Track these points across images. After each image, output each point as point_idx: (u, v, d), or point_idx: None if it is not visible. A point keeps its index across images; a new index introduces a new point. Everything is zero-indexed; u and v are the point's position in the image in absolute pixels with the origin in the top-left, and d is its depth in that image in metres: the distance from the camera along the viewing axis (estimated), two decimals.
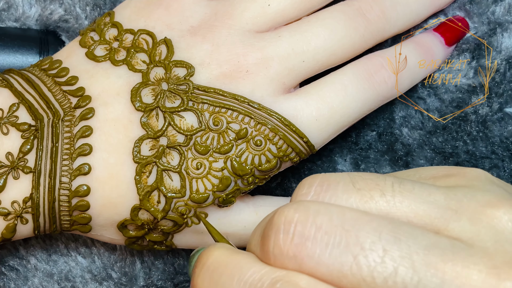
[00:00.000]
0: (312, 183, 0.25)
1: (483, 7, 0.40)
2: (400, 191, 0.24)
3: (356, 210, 0.24)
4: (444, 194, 0.24)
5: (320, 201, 0.24)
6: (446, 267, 0.22)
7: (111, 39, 0.38)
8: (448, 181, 0.26)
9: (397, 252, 0.22)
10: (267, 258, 0.24)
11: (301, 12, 0.38)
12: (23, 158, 0.34)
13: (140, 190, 0.35)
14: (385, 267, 0.22)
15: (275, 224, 0.24)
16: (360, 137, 0.42)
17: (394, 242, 0.22)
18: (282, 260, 0.23)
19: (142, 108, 0.35)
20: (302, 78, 0.37)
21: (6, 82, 0.36)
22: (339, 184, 0.25)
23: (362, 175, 0.25)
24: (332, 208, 0.23)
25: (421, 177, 0.27)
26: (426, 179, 0.27)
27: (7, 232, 0.35)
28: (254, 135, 0.35)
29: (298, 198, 0.25)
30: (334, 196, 0.25)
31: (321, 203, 0.24)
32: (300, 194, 0.25)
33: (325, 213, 0.23)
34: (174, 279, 0.41)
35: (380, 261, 0.22)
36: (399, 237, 0.23)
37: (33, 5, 0.42)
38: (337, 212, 0.23)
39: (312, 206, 0.24)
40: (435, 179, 0.27)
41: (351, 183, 0.25)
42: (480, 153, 0.40)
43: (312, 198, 0.25)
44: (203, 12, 0.37)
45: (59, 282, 0.41)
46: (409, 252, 0.22)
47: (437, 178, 0.27)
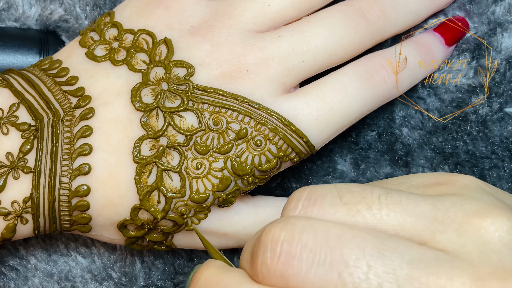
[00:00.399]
0: (300, 197, 0.25)
1: (483, 7, 0.40)
2: (386, 203, 0.25)
3: (341, 226, 0.24)
4: (431, 205, 0.25)
5: (307, 217, 0.25)
6: (430, 281, 0.22)
7: (111, 39, 0.38)
8: (438, 189, 0.26)
9: (381, 268, 0.22)
10: (256, 276, 0.24)
11: (301, 12, 0.38)
12: (23, 158, 0.34)
13: (140, 190, 0.35)
14: (369, 283, 0.22)
15: (263, 243, 0.24)
16: (360, 137, 0.42)
17: (378, 257, 0.23)
18: (269, 278, 0.24)
19: (142, 108, 0.35)
20: (302, 78, 0.37)
21: (6, 82, 0.36)
22: (326, 197, 0.25)
23: (349, 187, 0.25)
24: (317, 225, 0.24)
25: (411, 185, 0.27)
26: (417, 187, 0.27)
27: (7, 232, 0.35)
28: (254, 135, 0.35)
29: (287, 213, 0.25)
30: (321, 210, 0.25)
31: (307, 220, 0.24)
32: (288, 209, 0.26)
33: (310, 230, 0.24)
34: (174, 279, 0.41)
35: (364, 277, 0.22)
36: (383, 252, 0.23)
37: (33, 5, 0.42)
38: (322, 229, 0.24)
39: (298, 223, 0.24)
40: (425, 187, 0.27)
41: (338, 197, 0.25)
42: (480, 153, 0.40)
43: (300, 213, 0.25)
44: (203, 12, 0.37)
45: (59, 282, 0.41)
46: (393, 267, 0.22)
47: (428, 186, 0.27)
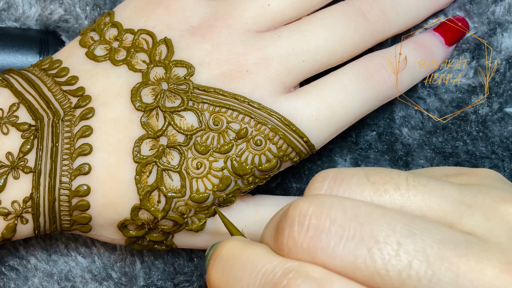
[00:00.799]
0: (325, 177, 0.25)
1: (483, 7, 0.40)
2: (414, 185, 0.24)
3: (370, 204, 0.24)
4: (458, 189, 0.24)
5: (334, 195, 0.24)
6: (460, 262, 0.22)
7: (111, 39, 0.38)
8: (460, 179, 0.26)
9: (411, 246, 0.22)
10: (281, 250, 0.24)
11: (301, 12, 0.38)
12: (23, 158, 0.34)
13: (140, 190, 0.35)
14: (399, 260, 0.22)
15: (290, 217, 0.24)
16: (360, 137, 0.42)
17: (408, 235, 0.22)
18: (296, 252, 0.23)
19: (142, 107, 0.35)
20: (302, 78, 0.37)
21: (6, 82, 0.36)
22: (353, 177, 0.25)
23: (376, 169, 0.25)
24: (346, 202, 0.24)
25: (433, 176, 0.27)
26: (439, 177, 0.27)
27: (7, 232, 0.35)
28: (254, 134, 0.35)
29: (312, 192, 0.25)
30: (348, 190, 0.25)
31: (335, 197, 0.24)
32: (313, 188, 0.25)
33: (339, 206, 0.23)
34: (174, 279, 0.41)
35: (394, 254, 0.22)
36: (413, 231, 0.23)
37: (33, 5, 0.42)
38: (351, 205, 0.23)
39: (327, 200, 0.24)
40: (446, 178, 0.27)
41: (365, 177, 0.25)
42: (480, 153, 0.40)
43: (326, 192, 0.25)
44: (203, 12, 0.37)
45: (59, 282, 0.41)
46: (423, 246, 0.22)
47: (449, 176, 0.27)
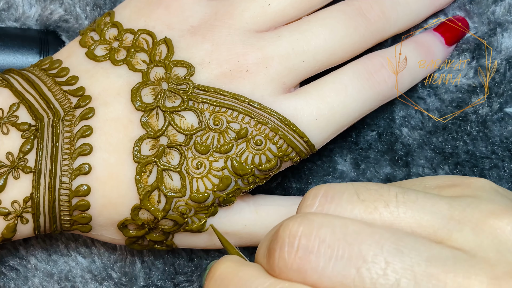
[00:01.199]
0: (316, 194, 0.25)
1: (483, 7, 0.40)
2: (404, 201, 0.25)
3: (359, 222, 0.24)
4: (448, 204, 0.25)
5: (324, 213, 0.25)
6: (448, 278, 0.22)
7: (111, 39, 0.38)
8: (453, 190, 0.26)
9: (399, 264, 0.22)
10: (272, 270, 0.24)
11: (301, 12, 0.38)
12: (23, 158, 0.34)
13: (141, 189, 0.35)
14: (387, 279, 0.22)
15: (280, 237, 0.24)
16: (360, 137, 0.42)
17: (396, 254, 0.23)
18: (287, 272, 0.24)
19: (142, 107, 0.35)
20: (302, 78, 0.37)
21: (6, 82, 0.36)
22: (343, 194, 0.25)
23: (366, 185, 0.25)
24: (335, 221, 0.24)
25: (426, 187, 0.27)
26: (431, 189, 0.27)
27: (8, 232, 0.35)
28: (254, 134, 0.35)
29: (303, 210, 0.25)
30: (338, 207, 0.25)
31: (325, 216, 0.24)
32: (305, 205, 0.26)
33: (328, 226, 0.24)
34: (174, 279, 0.41)
35: (382, 273, 0.22)
36: (401, 249, 0.23)
37: (33, 5, 0.42)
38: (340, 225, 0.24)
39: (316, 219, 0.24)
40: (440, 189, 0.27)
41: (356, 194, 0.25)
42: (480, 153, 0.40)
43: (317, 210, 0.25)
44: (203, 11, 0.37)
45: (59, 282, 0.41)
46: (411, 264, 0.22)
47: (442, 188, 0.27)
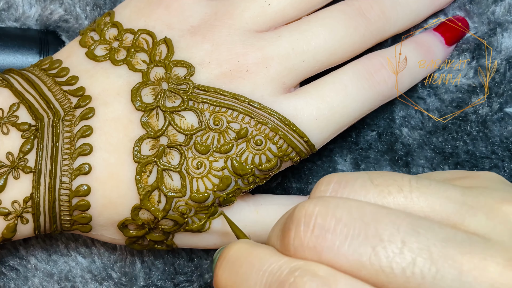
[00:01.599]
0: (330, 181, 0.26)
1: (483, 7, 0.40)
2: (417, 187, 0.25)
3: (374, 205, 0.24)
4: (461, 191, 0.25)
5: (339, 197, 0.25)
6: (464, 259, 0.22)
7: (111, 39, 0.38)
8: (463, 182, 0.27)
9: (415, 244, 0.23)
10: (287, 250, 0.24)
11: (301, 12, 0.38)
12: (23, 158, 0.34)
13: (141, 189, 0.35)
14: (403, 258, 0.22)
15: (296, 217, 0.24)
16: (360, 137, 0.42)
17: (412, 234, 0.23)
18: (302, 251, 0.24)
19: (142, 107, 0.35)
20: (302, 78, 0.37)
21: (6, 82, 0.36)
22: (357, 181, 0.25)
23: (379, 173, 0.26)
24: (351, 202, 0.24)
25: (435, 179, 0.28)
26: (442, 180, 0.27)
27: (8, 232, 0.35)
28: (254, 134, 0.35)
29: (317, 195, 0.26)
30: (352, 192, 0.25)
31: (341, 198, 0.24)
32: (318, 191, 0.26)
33: (345, 206, 0.24)
34: (174, 279, 0.41)
35: (398, 252, 0.23)
36: (417, 230, 0.23)
37: (33, 5, 0.42)
38: (356, 206, 0.24)
39: (332, 201, 0.24)
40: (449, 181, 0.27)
41: (369, 180, 0.25)
42: (480, 153, 0.40)
43: (331, 195, 0.25)
44: (203, 11, 0.37)
45: (59, 282, 0.41)
46: (427, 244, 0.23)
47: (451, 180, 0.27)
